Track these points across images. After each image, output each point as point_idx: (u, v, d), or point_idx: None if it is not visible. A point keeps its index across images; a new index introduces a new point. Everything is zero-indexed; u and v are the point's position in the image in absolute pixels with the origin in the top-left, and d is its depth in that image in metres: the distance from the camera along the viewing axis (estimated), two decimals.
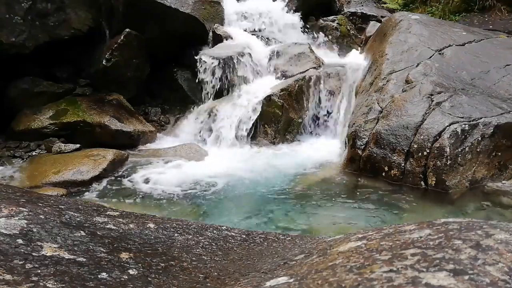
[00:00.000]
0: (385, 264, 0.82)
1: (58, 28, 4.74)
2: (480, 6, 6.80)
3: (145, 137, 4.84)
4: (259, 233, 1.54)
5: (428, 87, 4.20)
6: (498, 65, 4.61)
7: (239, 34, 5.62)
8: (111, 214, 1.46)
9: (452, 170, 3.71)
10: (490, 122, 3.83)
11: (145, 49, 5.18)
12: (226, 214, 3.49)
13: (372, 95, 4.47)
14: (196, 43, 5.37)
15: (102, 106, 4.78)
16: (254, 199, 3.69)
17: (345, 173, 4.18)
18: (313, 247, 1.20)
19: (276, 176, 4.09)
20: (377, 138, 4.04)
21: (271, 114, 4.86)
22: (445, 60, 4.60)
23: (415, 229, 0.99)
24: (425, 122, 3.91)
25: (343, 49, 6.19)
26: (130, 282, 1.01)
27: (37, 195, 1.56)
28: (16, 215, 1.20)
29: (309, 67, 5.29)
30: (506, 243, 0.83)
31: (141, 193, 3.79)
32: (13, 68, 4.59)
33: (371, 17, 6.93)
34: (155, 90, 5.48)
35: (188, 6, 5.27)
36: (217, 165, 4.30)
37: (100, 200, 3.61)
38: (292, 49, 5.51)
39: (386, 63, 4.74)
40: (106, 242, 1.20)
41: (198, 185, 3.92)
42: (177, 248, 1.28)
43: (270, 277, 1.00)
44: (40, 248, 1.07)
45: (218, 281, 1.09)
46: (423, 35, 4.98)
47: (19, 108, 4.66)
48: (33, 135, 4.53)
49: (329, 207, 3.54)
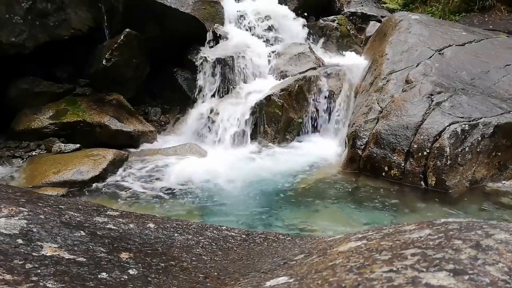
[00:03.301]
0: (385, 264, 0.82)
1: (58, 28, 4.74)
2: (480, 6, 6.80)
3: (145, 137, 4.84)
4: (259, 233, 1.54)
5: (428, 87, 4.20)
6: (498, 65, 4.61)
7: (239, 34, 5.61)
8: (111, 214, 1.46)
9: (452, 170, 3.71)
10: (490, 122, 3.83)
11: (145, 49, 5.18)
12: (226, 214, 3.49)
13: (372, 95, 4.47)
14: (196, 43, 5.37)
15: (102, 106, 4.78)
16: (254, 199, 3.69)
17: (345, 173, 4.18)
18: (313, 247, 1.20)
19: (276, 176, 4.09)
20: (377, 138, 4.04)
21: (271, 114, 4.86)
22: (445, 60, 4.60)
23: (415, 229, 0.99)
24: (425, 122, 3.91)
25: (343, 49, 6.19)
26: (130, 282, 1.01)
27: (37, 195, 1.56)
28: (16, 215, 1.20)
29: (309, 67, 5.29)
30: (506, 243, 0.83)
31: (141, 193, 3.79)
32: (13, 68, 4.59)
33: (371, 17, 6.93)
34: (155, 90, 5.48)
35: (188, 6, 5.26)
36: (217, 165, 4.30)
37: (100, 200, 3.61)
38: (292, 49, 5.51)
39: (386, 63, 4.74)
40: (106, 242, 1.20)
41: (198, 185, 3.92)
42: (177, 248, 1.28)
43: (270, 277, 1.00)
44: (40, 248, 1.07)
45: (218, 281, 1.09)
46: (423, 35, 4.98)
47: (19, 108, 4.66)
48: (33, 135, 4.53)
49: (329, 207, 3.54)
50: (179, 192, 3.79)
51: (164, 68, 5.41)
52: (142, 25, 5.11)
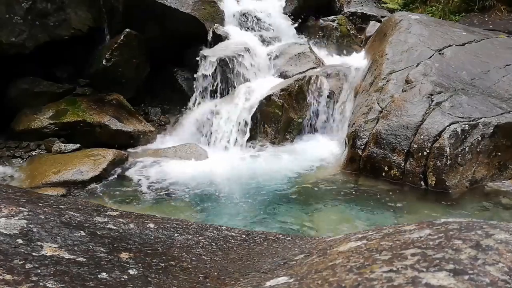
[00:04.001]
0: (385, 264, 0.82)
1: (58, 28, 4.74)
2: (480, 6, 6.80)
3: (145, 137, 4.84)
4: (259, 233, 1.54)
5: (428, 87, 4.20)
6: (498, 65, 4.61)
7: (239, 34, 5.61)
8: (111, 214, 1.46)
9: (452, 170, 3.71)
10: (490, 122, 3.83)
11: (145, 49, 5.19)
12: (226, 214, 3.49)
13: (372, 95, 4.47)
14: (196, 43, 5.37)
15: (102, 106, 4.78)
16: (254, 199, 3.69)
17: (345, 173, 4.18)
18: (313, 247, 1.20)
19: (276, 176, 4.09)
20: (377, 138, 4.04)
21: (271, 114, 4.86)
22: (445, 60, 4.60)
23: (415, 229, 0.99)
24: (425, 122, 3.91)
25: (343, 49, 6.19)
26: (130, 282, 1.01)
27: (37, 195, 1.56)
28: (16, 215, 1.20)
29: (309, 67, 5.29)
30: (506, 243, 0.83)
31: (141, 193, 3.79)
32: (13, 68, 4.59)
33: (371, 17, 6.92)
34: (155, 90, 5.48)
35: (188, 6, 5.27)
36: (217, 165, 4.30)
37: (100, 200, 3.61)
38: (292, 49, 5.51)
39: (386, 63, 4.74)
40: (106, 242, 1.20)
41: (198, 185, 3.92)
42: (177, 248, 1.28)
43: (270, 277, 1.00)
44: (40, 248, 1.07)
45: (218, 281, 1.09)
46: (423, 35, 4.98)
47: (19, 108, 4.66)
48: (33, 135, 4.53)
49: (329, 207, 3.54)
50: (179, 192, 3.79)
51: (164, 68, 5.41)
52: (142, 25, 5.11)
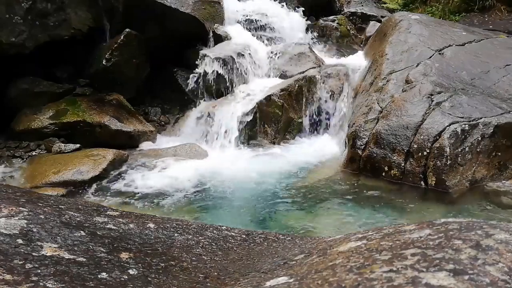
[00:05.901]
0: (385, 264, 0.82)
1: (58, 28, 4.74)
2: (480, 6, 6.80)
3: (145, 137, 4.84)
4: (259, 233, 1.54)
5: (428, 87, 4.20)
6: (498, 65, 4.61)
7: (239, 34, 5.61)
8: (111, 214, 1.46)
9: (452, 170, 3.71)
10: (490, 122, 3.83)
11: (145, 49, 5.18)
12: (226, 214, 3.49)
13: (372, 95, 4.47)
14: (196, 43, 5.37)
15: (102, 106, 4.78)
16: (254, 199, 3.69)
17: (345, 173, 4.18)
18: (313, 247, 1.20)
19: (276, 176, 4.09)
20: (377, 138, 4.04)
21: (271, 114, 4.86)
22: (445, 60, 4.60)
23: (415, 229, 0.99)
24: (425, 122, 3.91)
25: (343, 49, 6.19)
26: (130, 282, 1.01)
27: (37, 195, 1.56)
28: (16, 215, 1.20)
29: (309, 67, 5.29)
30: (506, 243, 0.83)
31: (141, 193, 3.79)
32: (13, 68, 4.59)
33: (371, 17, 6.93)
34: (155, 90, 5.47)
35: (188, 6, 5.26)
36: (217, 165, 4.30)
37: (100, 200, 3.61)
38: (292, 49, 5.51)
39: (386, 63, 4.74)
40: (106, 242, 1.20)
41: (198, 185, 3.92)
42: (177, 248, 1.28)
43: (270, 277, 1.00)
44: (40, 248, 1.07)
45: (218, 281, 1.09)
46: (423, 35, 4.98)
47: (19, 108, 4.66)
48: (33, 135, 4.52)
49: (329, 207, 3.54)
50: (179, 192, 3.79)
51: (164, 68, 5.41)
52: (142, 25, 5.11)
